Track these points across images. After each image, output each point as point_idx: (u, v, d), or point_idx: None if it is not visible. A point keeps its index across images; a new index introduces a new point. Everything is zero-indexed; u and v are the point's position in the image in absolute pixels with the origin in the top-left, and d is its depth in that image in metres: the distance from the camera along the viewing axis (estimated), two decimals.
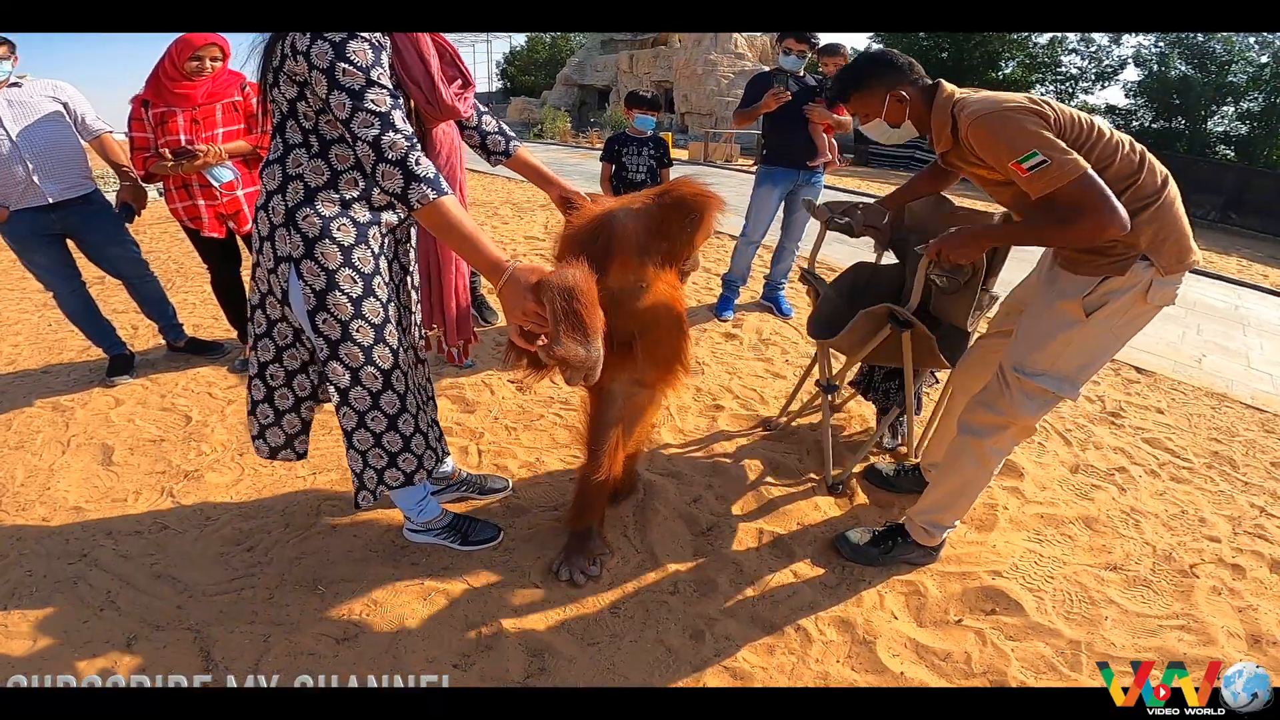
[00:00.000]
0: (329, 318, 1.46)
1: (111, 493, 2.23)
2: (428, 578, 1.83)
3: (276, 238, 1.44)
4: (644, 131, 3.50)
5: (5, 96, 2.61)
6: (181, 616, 1.73)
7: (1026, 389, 1.64)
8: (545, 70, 31.12)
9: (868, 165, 17.99)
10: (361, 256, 1.46)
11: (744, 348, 3.45)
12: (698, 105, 20.43)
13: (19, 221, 2.68)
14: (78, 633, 1.68)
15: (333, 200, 1.42)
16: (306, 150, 1.40)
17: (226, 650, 1.62)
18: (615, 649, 1.62)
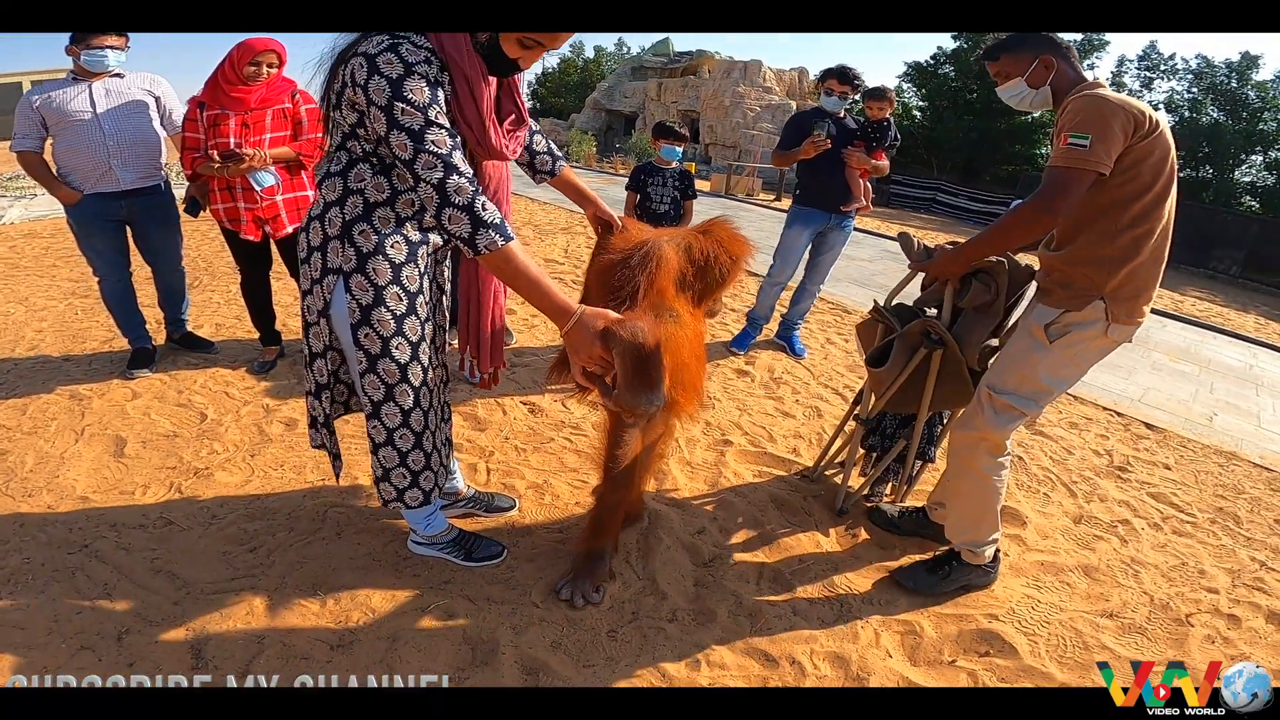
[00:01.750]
0: (371, 333, 1.48)
1: (120, 485, 2.26)
2: (428, 590, 1.84)
3: (329, 250, 1.46)
4: (670, 162, 3.55)
5: (105, 85, 2.74)
6: (177, 613, 1.74)
7: (996, 405, 1.77)
8: (575, 94, 31.70)
9: (889, 206, 18.12)
10: (410, 275, 1.49)
11: (755, 385, 3.46)
12: (723, 137, 20.70)
13: (88, 204, 2.79)
14: (69, 622, 1.69)
15: (388, 219, 1.45)
16: (370, 167, 1.42)
17: (219, 650, 1.62)
18: (610, 672, 1.61)
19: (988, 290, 1.88)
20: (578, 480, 2.42)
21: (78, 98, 2.70)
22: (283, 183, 2.88)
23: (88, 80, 2.72)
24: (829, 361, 3.93)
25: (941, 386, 2.01)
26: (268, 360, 3.18)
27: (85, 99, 2.70)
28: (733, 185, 14.07)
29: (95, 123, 2.70)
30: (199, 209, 3.03)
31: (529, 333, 3.95)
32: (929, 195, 18.54)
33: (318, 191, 1.51)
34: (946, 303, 1.95)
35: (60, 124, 2.69)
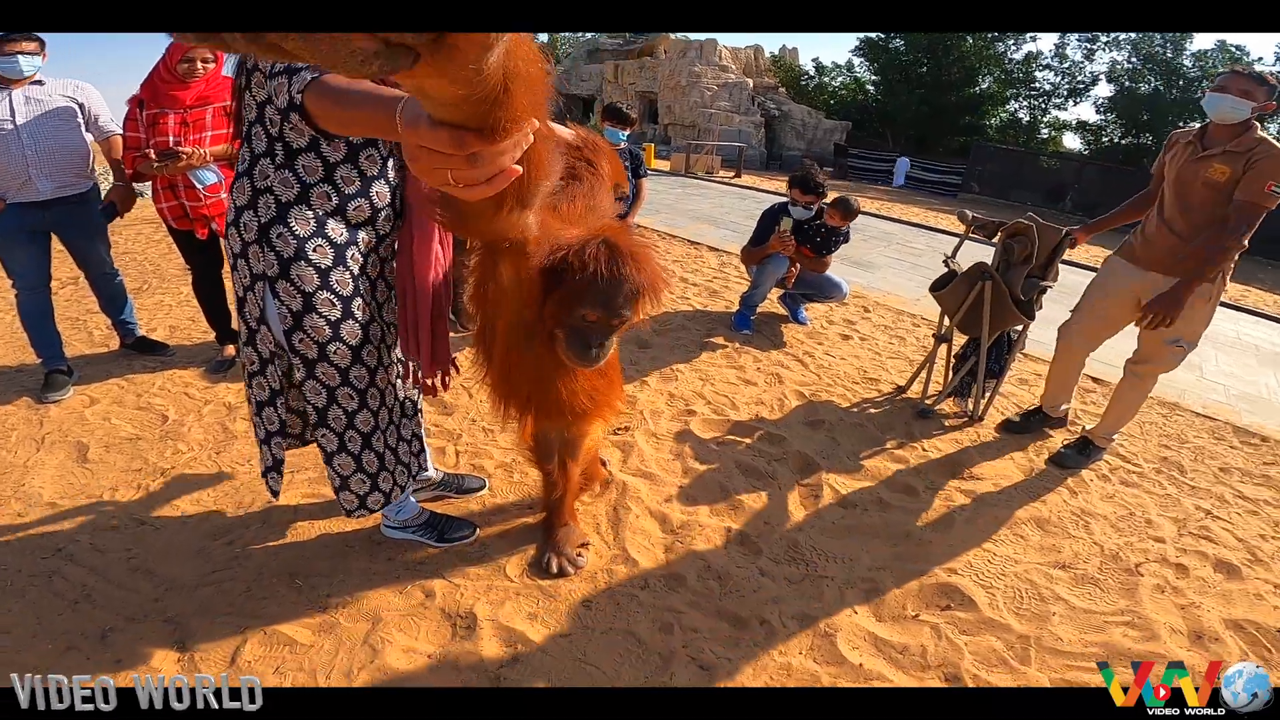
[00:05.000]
0: (306, 339, 1.43)
1: (87, 489, 2.24)
2: (404, 571, 1.88)
3: (250, 255, 1.39)
4: (616, 144, 3.61)
5: (25, 93, 2.64)
6: (159, 608, 1.75)
7: (1173, 350, 2.43)
8: None
9: (846, 179, 18.39)
10: (340, 279, 1.42)
11: (717, 355, 3.56)
12: (681, 117, 20.64)
13: (8, 215, 2.69)
14: (52, 624, 1.70)
15: (306, 218, 1.36)
16: (272, 160, 1.34)
17: (204, 641, 1.65)
18: (586, 640, 1.68)
19: (1025, 248, 2.79)
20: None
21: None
22: (225, 180, 2.84)
23: (7, 88, 2.61)
24: (792, 330, 4.05)
25: (995, 313, 2.79)
26: (225, 359, 3.14)
27: (4, 107, 2.59)
28: (692, 164, 14.10)
29: (14, 133, 2.60)
30: (114, 214, 2.97)
31: None
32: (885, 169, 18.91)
33: (229, 198, 1.44)
34: (995, 255, 2.89)
35: None
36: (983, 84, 21.99)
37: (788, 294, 4.17)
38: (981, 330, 2.86)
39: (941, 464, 2.60)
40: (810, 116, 21.69)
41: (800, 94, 23.73)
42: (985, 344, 2.89)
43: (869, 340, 4.05)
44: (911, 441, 2.75)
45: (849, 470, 2.51)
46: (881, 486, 2.42)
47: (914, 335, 4.22)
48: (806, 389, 3.20)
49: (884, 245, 8.11)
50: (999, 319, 2.84)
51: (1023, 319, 2.83)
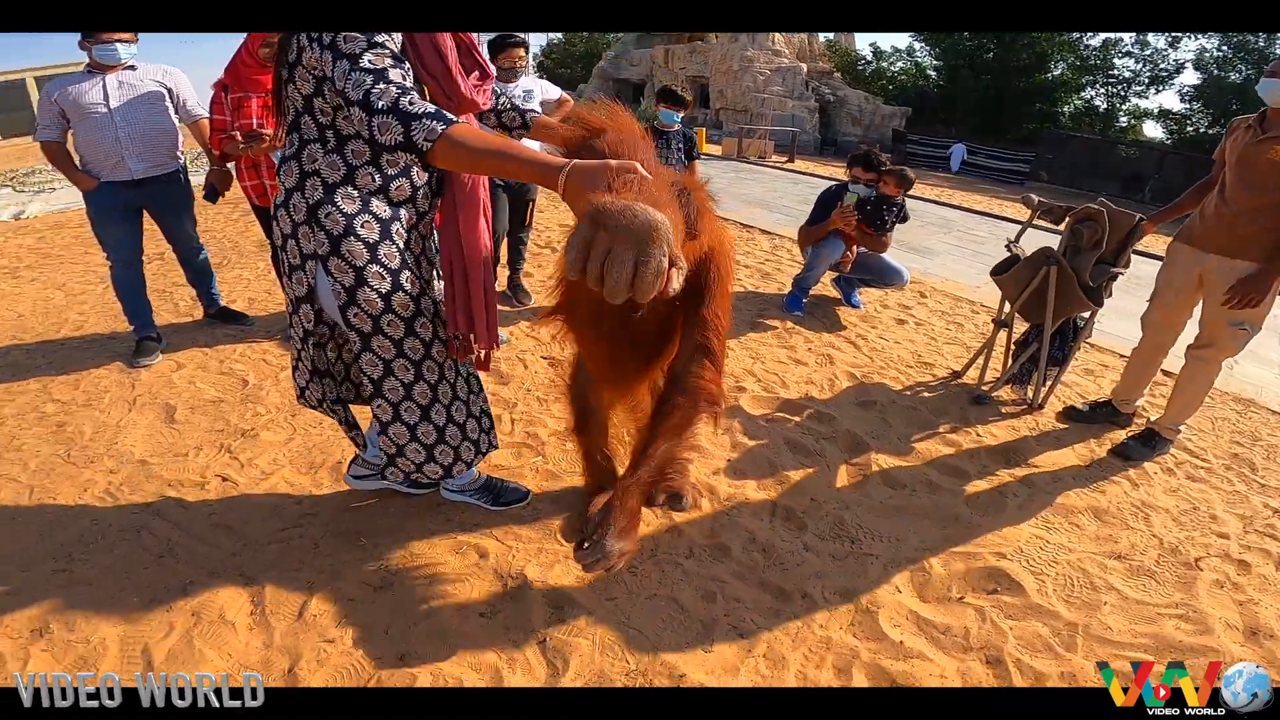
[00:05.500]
0: (360, 312, 1.47)
1: (174, 448, 2.42)
2: (460, 533, 1.97)
3: (300, 235, 1.44)
4: (670, 125, 3.61)
5: (119, 78, 2.83)
6: (236, 563, 1.88)
7: (1235, 334, 2.38)
8: (582, 63, 31.31)
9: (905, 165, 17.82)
10: (387, 252, 1.46)
11: (768, 335, 3.55)
12: (733, 101, 20.39)
13: (103, 192, 2.91)
14: (138, 577, 1.83)
15: (352, 196, 1.40)
16: (323, 145, 1.39)
17: (275, 596, 1.76)
18: (631, 604, 1.73)
19: (1095, 233, 2.67)
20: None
21: (92, 90, 2.79)
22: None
23: (102, 74, 2.81)
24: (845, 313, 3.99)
25: (1061, 298, 2.71)
26: None
27: (99, 92, 2.79)
28: (744, 149, 13.91)
29: (109, 116, 2.79)
30: (217, 195, 3.15)
31: (544, 294, 4.05)
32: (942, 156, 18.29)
33: (278, 180, 1.49)
34: (1063, 240, 2.78)
35: (77, 116, 2.79)
36: (1055, 70, 20.90)
37: (843, 277, 4.10)
38: (1045, 316, 2.77)
39: (996, 450, 2.54)
40: (867, 102, 21.08)
41: (857, 79, 23.07)
42: (1048, 330, 2.79)
43: (925, 325, 3.95)
44: (965, 426, 2.69)
45: (899, 451, 2.48)
46: (932, 469, 2.38)
47: (972, 322, 4.10)
48: (858, 370, 3.16)
49: (943, 232, 7.86)
50: (1064, 305, 2.74)
51: (1090, 306, 2.73)
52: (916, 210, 8.46)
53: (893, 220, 3.81)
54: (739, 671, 1.56)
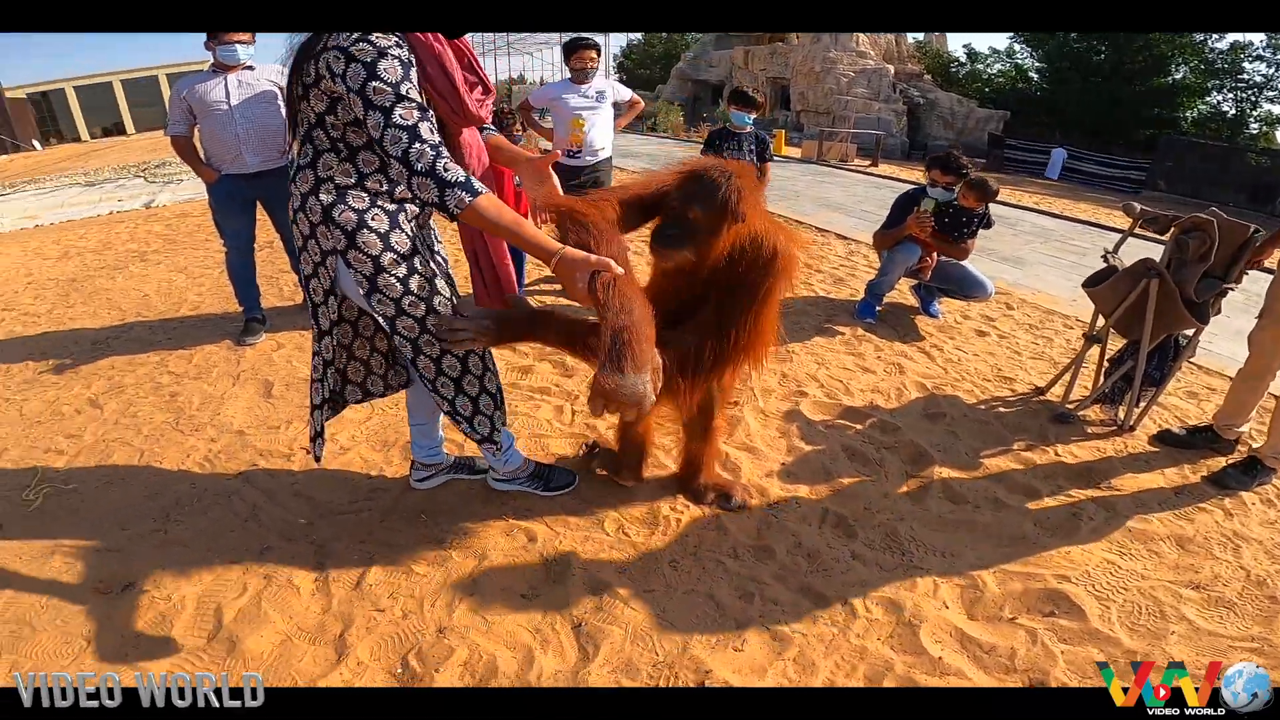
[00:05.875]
0: (382, 297, 1.59)
1: (268, 421, 2.64)
2: (514, 517, 2.05)
3: (318, 235, 1.56)
4: (742, 127, 3.60)
5: (239, 78, 3.11)
6: (309, 531, 2.03)
7: None
8: (661, 64, 31.47)
9: (1001, 170, 16.92)
10: (398, 240, 1.58)
11: (835, 341, 3.47)
12: (815, 104, 19.95)
13: (223, 184, 3.20)
14: (224, 540, 2.01)
15: (361, 197, 1.54)
16: (336, 155, 1.51)
17: (338, 563, 1.89)
18: (668, 598, 1.75)
19: (1203, 244, 2.45)
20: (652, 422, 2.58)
21: (216, 89, 3.06)
22: None
23: (224, 73, 3.08)
24: (922, 322, 3.84)
25: (1161, 314, 2.52)
26: None
27: (221, 90, 3.06)
28: (825, 151, 13.57)
29: (229, 113, 3.06)
30: None
31: None
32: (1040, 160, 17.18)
33: (292, 186, 1.60)
34: (1167, 251, 2.59)
35: (203, 113, 3.08)
36: (1176, 74, 19.21)
37: (922, 285, 3.94)
38: (1142, 332, 2.57)
39: (1075, 470, 2.38)
40: (960, 105, 20.11)
41: (949, 81, 22.05)
42: (1145, 347, 2.59)
43: (1009, 338, 3.74)
44: (1043, 444, 2.53)
45: (966, 466, 2.37)
46: (1000, 485, 2.26)
47: (1063, 337, 3.84)
48: (930, 381, 3.04)
49: (1040, 241, 7.39)
50: (1164, 321, 2.54)
51: (1194, 323, 2.51)
52: (1010, 218, 8.02)
53: (974, 228, 3.63)
54: (766, 673, 1.55)
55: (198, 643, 1.65)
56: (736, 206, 1.48)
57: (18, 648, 1.64)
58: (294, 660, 1.60)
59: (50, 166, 20.23)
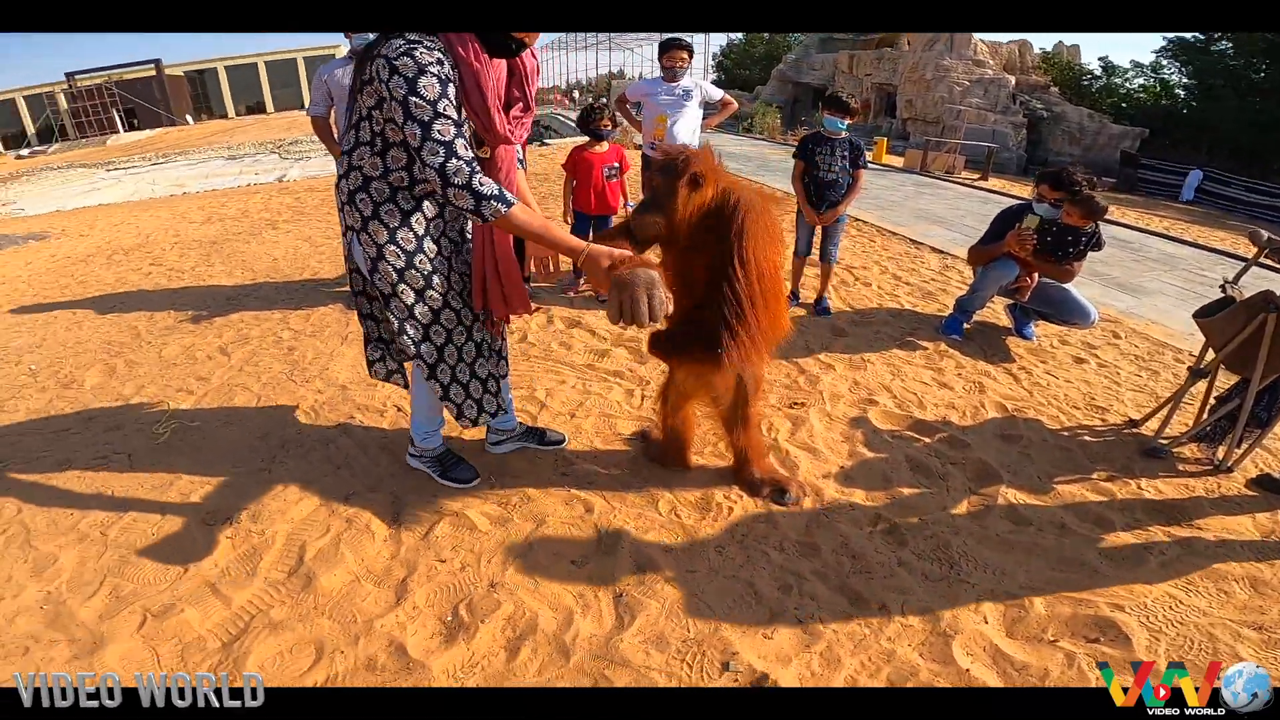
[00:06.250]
0: (381, 279, 1.76)
1: (366, 379, 2.90)
2: (575, 487, 2.18)
3: (345, 213, 1.76)
4: (836, 132, 3.56)
5: None
6: (389, 483, 2.24)
7: None
8: (761, 65, 31.01)
9: (1134, 191, 15.63)
10: (404, 236, 1.73)
11: (915, 355, 3.38)
12: (923, 112, 19.07)
13: None
14: (317, 484, 2.25)
15: (381, 190, 1.69)
16: (370, 148, 1.66)
17: (411, 515, 2.08)
18: (708, 580, 1.82)
19: None
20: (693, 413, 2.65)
21: (349, 74, 3.37)
22: None
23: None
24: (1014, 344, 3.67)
25: (1277, 351, 2.33)
26: None
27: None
28: (929, 162, 12.98)
29: None
30: None
31: None
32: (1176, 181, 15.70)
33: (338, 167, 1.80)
34: None
35: (338, 96, 3.40)
36: None
37: (1019, 305, 3.74)
38: (1254, 370, 2.37)
39: (1155, 505, 2.24)
40: (1091, 120, 18.62)
41: (1080, 95, 20.47)
42: (1255, 386, 2.39)
43: (1109, 368, 3.51)
44: (1127, 477, 2.39)
45: (1035, 489, 2.28)
46: (1069, 512, 2.16)
47: (1171, 372, 3.55)
48: (1011, 403, 2.91)
49: (1164, 269, 6.79)
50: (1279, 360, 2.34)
51: None
52: (1133, 242, 7.42)
53: (1081, 249, 3.41)
54: (791, 662, 1.58)
55: (278, 576, 1.86)
56: (685, 170, 1.75)
57: (123, 572, 1.89)
58: (358, 599, 1.77)
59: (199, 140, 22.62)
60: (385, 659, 1.60)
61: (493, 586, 1.80)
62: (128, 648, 1.65)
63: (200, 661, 1.60)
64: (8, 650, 1.65)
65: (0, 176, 17.44)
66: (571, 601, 1.75)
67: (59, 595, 1.82)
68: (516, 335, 3.48)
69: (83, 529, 2.07)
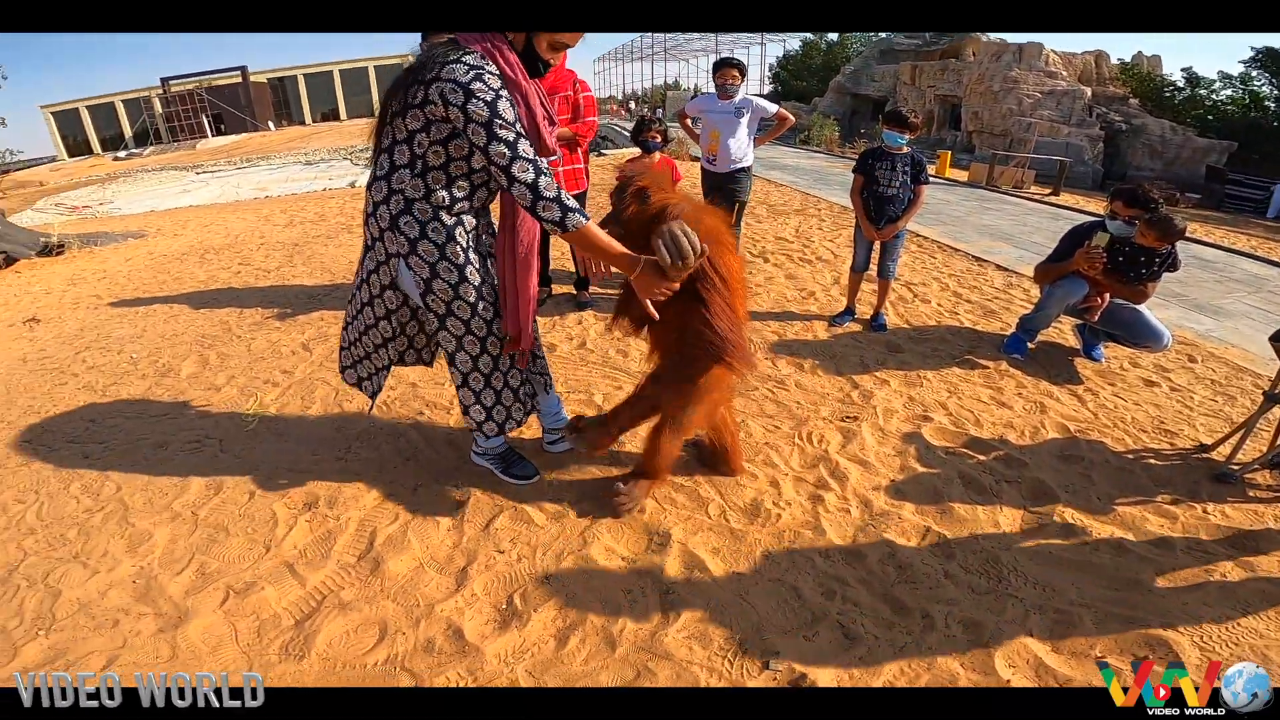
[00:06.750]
0: (435, 298, 1.84)
1: (435, 377, 3.08)
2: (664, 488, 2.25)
3: (385, 239, 1.82)
4: (896, 147, 3.56)
5: None
6: (455, 475, 2.36)
7: None
8: (818, 76, 30.44)
9: (1220, 208, 14.77)
10: (453, 251, 1.81)
11: (974, 373, 3.32)
12: (990, 124, 18.47)
13: None
14: (386, 474, 2.39)
15: (425, 210, 1.77)
16: (410, 170, 1.73)
17: (474, 506, 2.20)
18: (754, 582, 1.87)
19: None
20: (772, 425, 2.71)
21: None
22: (563, 157, 3.54)
23: None
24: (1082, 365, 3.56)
25: None
26: (540, 297, 3.94)
27: None
28: (996, 176, 12.58)
29: None
30: None
31: (751, 299, 4.26)
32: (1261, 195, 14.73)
33: (367, 194, 1.83)
34: None
35: None
36: None
37: (1087, 326, 3.62)
38: None
39: (1221, 530, 2.16)
40: (1174, 133, 17.65)
41: (1161, 106, 19.44)
42: None
43: (1182, 392, 3.36)
44: (1192, 501, 2.31)
45: (1094, 510, 2.24)
46: (1128, 532, 2.12)
47: (1249, 397, 3.38)
48: (1073, 424, 2.84)
49: (1248, 291, 6.42)
50: None
51: None
52: (1216, 261, 7.05)
53: (1155, 270, 3.27)
54: (829, 664, 1.61)
55: (350, 560, 1.99)
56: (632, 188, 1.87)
57: (210, 550, 2.06)
58: (421, 584, 1.89)
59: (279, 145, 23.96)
60: (443, 641, 1.69)
61: (547, 579, 1.89)
62: (209, 623, 1.76)
63: (274, 638, 1.71)
64: (98, 622, 1.79)
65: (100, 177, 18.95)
66: (620, 596, 1.82)
67: (150, 570, 1.98)
68: (575, 342, 3.60)
69: (176, 508, 2.26)
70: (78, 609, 1.84)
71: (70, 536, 2.16)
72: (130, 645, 1.71)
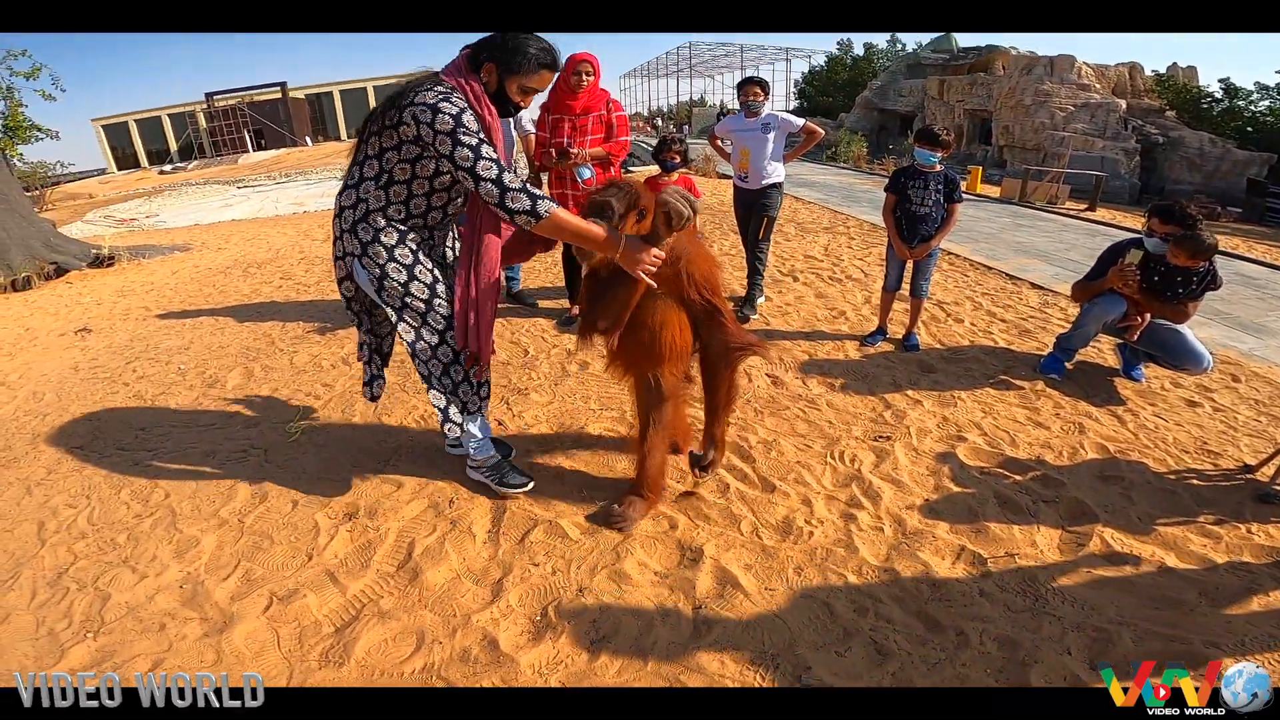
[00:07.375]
0: (389, 294, 1.99)
1: None
2: (660, 503, 2.28)
3: (344, 239, 2.00)
4: (928, 165, 3.56)
5: None
6: (489, 490, 2.38)
7: None
8: (844, 92, 30.27)
9: (1262, 222, 14.33)
10: (402, 253, 1.97)
11: (1009, 393, 3.27)
12: (1021, 139, 18.21)
13: None
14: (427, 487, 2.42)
15: (379, 219, 1.95)
16: (375, 182, 1.92)
17: (510, 519, 2.23)
18: (786, 598, 1.88)
19: None
20: (804, 444, 2.71)
21: None
22: (596, 175, 3.63)
23: None
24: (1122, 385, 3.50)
25: None
26: (573, 316, 4.03)
27: None
28: (1030, 192, 12.40)
29: None
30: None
31: (780, 317, 4.28)
32: None
33: (337, 199, 2.01)
34: None
35: None
36: None
37: (1128, 346, 3.52)
38: None
39: (1266, 551, 2.11)
40: (1213, 145, 17.22)
41: (1198, 119, 18.99)
42: None
43: (1225, 412, 3.28)
44: (1236, 521, 2.26)
45: (1134, 530, 2.20)
46: (1170, 552, 2.08)
47: None
48: (1113, 444, 2.78)
49: None
50: None
51: None
52: (1260, 279, 6.84)
53: (1195, 289, 3.19)
54: (862, 679, 1.61)
55: (388, 569, 2.04)
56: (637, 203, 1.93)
57: (255, 557, 2.12)
58: (458, 595, 1.92)
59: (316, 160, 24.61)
60: (478, 651, 1.72)
61: (581, 591, 1.91)
62: (253, 628, 1.80)
63: (315, 645, 1.74)
64: (145, 625, 1.83)
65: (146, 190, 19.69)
66: (653, 610, 1.84)
67: (197, 576, 2.04)
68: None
69: (223, 515, 2.34)
70: (126, 612, 1.90)
71: (120, 541, 2.24)
72: (176, 649, 1.74)
